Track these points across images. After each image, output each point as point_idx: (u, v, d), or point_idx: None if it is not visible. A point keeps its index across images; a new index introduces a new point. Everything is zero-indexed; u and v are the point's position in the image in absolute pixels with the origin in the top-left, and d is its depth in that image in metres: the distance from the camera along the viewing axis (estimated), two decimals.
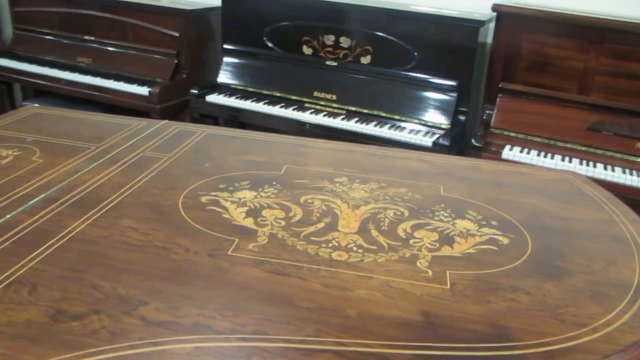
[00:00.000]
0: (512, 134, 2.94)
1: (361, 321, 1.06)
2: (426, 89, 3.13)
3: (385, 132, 3.01)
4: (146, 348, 0.96)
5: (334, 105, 3.26)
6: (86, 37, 3.85)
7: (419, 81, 3.15)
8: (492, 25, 3.09)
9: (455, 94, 3.06)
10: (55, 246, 1.24)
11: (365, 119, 3.14)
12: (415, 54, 3.14)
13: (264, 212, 1.45)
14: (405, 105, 3.13)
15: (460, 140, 3.13)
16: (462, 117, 3.11)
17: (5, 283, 1.10)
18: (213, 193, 1.53)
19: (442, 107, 3.07)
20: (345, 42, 3.31)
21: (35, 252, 1.21)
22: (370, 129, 3.04)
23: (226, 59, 3.54)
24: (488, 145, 2.90)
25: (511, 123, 2.96)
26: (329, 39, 3.34)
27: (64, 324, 1.00)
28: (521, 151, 2.83)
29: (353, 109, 3.22)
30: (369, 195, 1.59)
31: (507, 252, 1.35)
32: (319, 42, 3.37)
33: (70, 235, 1.28)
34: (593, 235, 1.46)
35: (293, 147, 1.94)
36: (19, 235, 1.27)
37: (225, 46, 3.56)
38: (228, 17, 3.54)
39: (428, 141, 2.90)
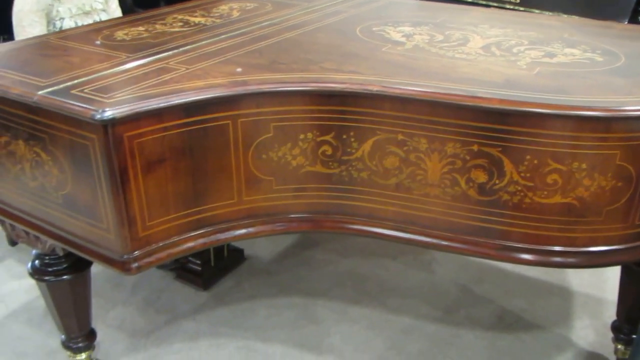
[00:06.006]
0: None
1: (458, 79, 1.57)
2: None
3: None
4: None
5: (519, 8, 3.56)
6: None
7: None
8: None
9: None
10: (273, 42, 1.93)
11: None
12: None
13: (414, 36, 1.98)
14: (583, 5, 3.33)
15: None
16: None
17: (246, 52, 1.81)
18: (382, 26, 2.11)
19: (620, 4, 3.22)
20: None
21: (261, 42, 1.91)
22: None
23: None
24: None
25: None
26: None
27: (275, 65, 1.68)
28: None
29: (536, 11, 3.50)
30: (502, 33, 2.03)
31: (596, 65, 1.72)
32: None
33: (283, 38, 1.97)
34: None
35: (456, 9, 2.42)
36: (250, 37, 1.98)
37: None
38: None
39: None
